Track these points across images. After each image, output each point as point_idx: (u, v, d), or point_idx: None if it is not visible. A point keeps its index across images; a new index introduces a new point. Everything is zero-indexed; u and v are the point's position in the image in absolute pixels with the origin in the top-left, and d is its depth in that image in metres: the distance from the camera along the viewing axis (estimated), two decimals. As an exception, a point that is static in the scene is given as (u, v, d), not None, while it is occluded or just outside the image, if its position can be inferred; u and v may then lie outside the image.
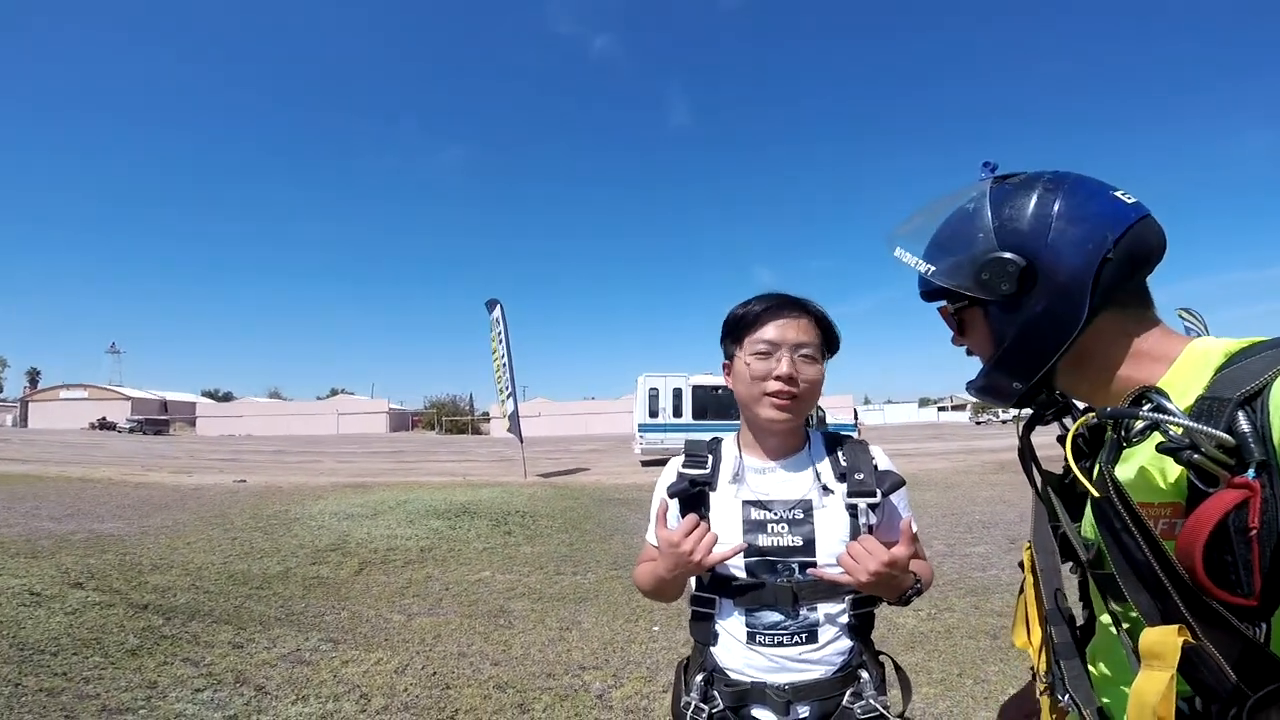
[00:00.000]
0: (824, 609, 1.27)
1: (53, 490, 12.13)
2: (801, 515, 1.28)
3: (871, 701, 1.25)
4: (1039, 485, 0.97)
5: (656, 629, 4.45)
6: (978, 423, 61.74)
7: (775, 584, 1.26)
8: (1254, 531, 0.63)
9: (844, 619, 1.28)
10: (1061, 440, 0.88)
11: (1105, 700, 0.88)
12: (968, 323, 0.95)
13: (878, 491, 1.28)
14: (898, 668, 1.40)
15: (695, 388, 19.29)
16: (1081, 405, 0.96)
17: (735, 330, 1.36)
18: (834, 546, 1.25)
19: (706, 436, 1.47)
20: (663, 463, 1.65)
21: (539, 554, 6.87)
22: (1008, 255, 0.84)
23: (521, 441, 16.37)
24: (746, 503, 1.31)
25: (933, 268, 0.92)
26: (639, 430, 19.28)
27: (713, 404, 19.33)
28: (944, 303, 0.98)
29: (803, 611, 1.26)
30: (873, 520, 1.28)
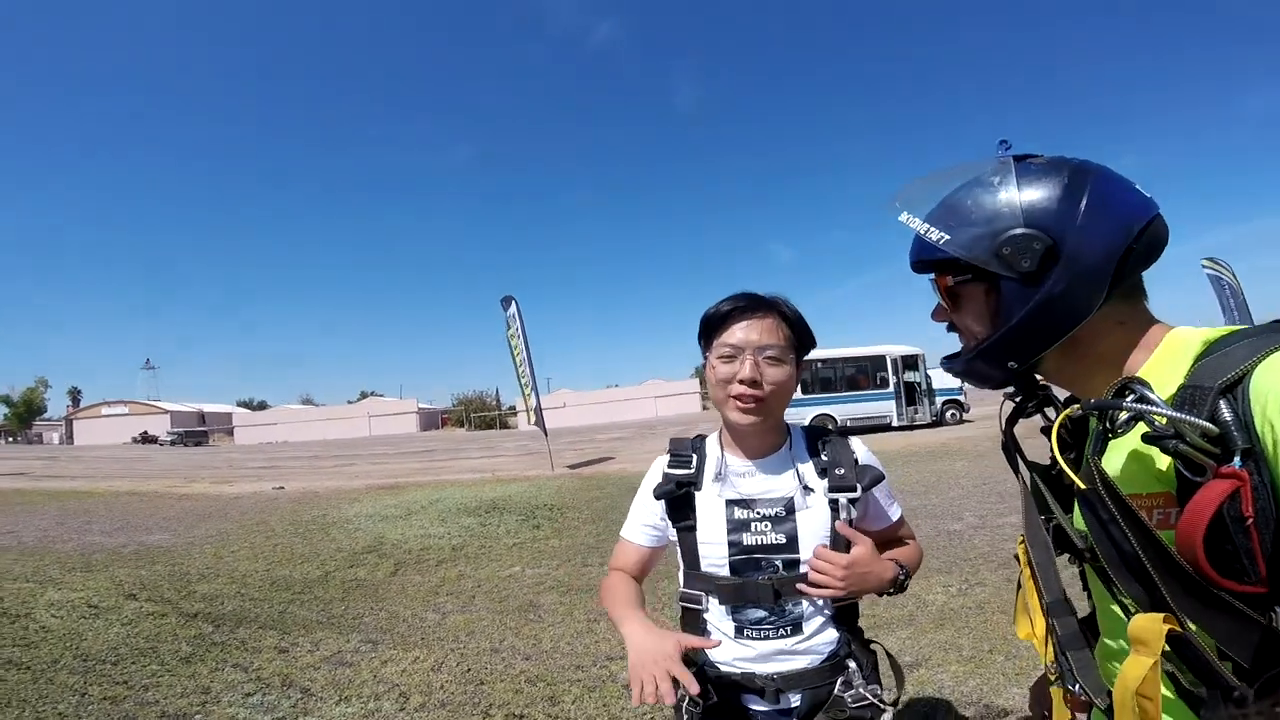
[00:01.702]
0: (806, 602, 1.30)
1: (102, 505, 12.59)
2: (784, 513, 1.30)
3: (861, 690, 1.28)
4: (1027, 478, 0.98)
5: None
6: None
7: (757, 580, 1.29)
8: (1250, 520, 0.64)
9: (827, 610, 1.32)
10: (1045, 431, 0.90)
11: None
12: (965, 298, 0.93)
13: (858, 486, 1.31)
14: (890, 656, 1.43)
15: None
16: (1063, 395, 0.97)
17: (706, 333, 1.37)
18: (816, 542, 1.28)
19: (810, 411, 1.47)
20: None
21: (566, 547, 7.02)
22: (1034, 232, 0.83)
23: (546, 434, 16.56)
24: (730, 502, 1.33)
25: (947, 236, 0.89)
26: None
27: (821, 378, 20.55)
28: (934, 275, 0.97)
29: (786, 606, 1.29)
30: (854, 514, 1.31)
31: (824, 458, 1.35)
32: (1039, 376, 0.95)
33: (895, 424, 20.65)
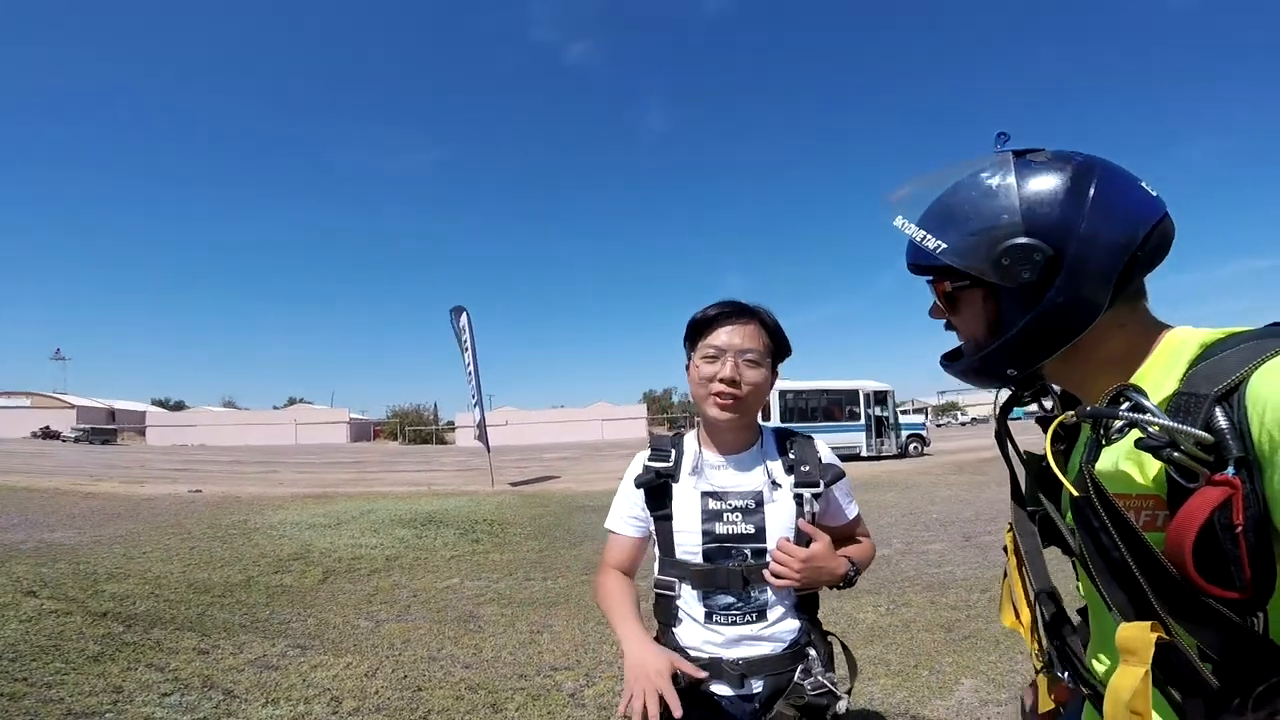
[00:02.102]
0: (771, 590, 1.38)
1: (-6, 500, 11.63)
2: (753, 505, 1.39)
3: (819, 678, 1.35)
4: (1018, 470, 0.97)
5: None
6: (938, 425, 63.16)
7: (728, 568, 1.37)
8: (1239, 528, 0.64)
9: (790, 599, 1.41)
10: (1040, 422, 0.90)
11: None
12: (964, 302, 0.90)
13: (820, 482, 1.42)
14: (845, 648, 1.52)
15: (781, 392, 21.04)
16: (1058, 389, 0.96)
17: (692, 335, 1.47)
18: (782, 534, 1.38)
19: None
20: None
21: (508, 561, 6.87)
22: (1034, 242, 0.78)
23: (489, 450, 16.26)
24: (705, 494, 1.42)
25: (944, 245, 0.84)
26: None
27: (798, 408, 21.49)
28: (932, 278, 0.93)
29: (753, 593, 1.37)
30: (816, 509, 1.41)
31: (791, 456, 1.45)
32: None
33: (864, 454, 21.63)
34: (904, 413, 23.89)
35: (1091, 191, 0.79)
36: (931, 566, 6.22)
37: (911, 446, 23.15)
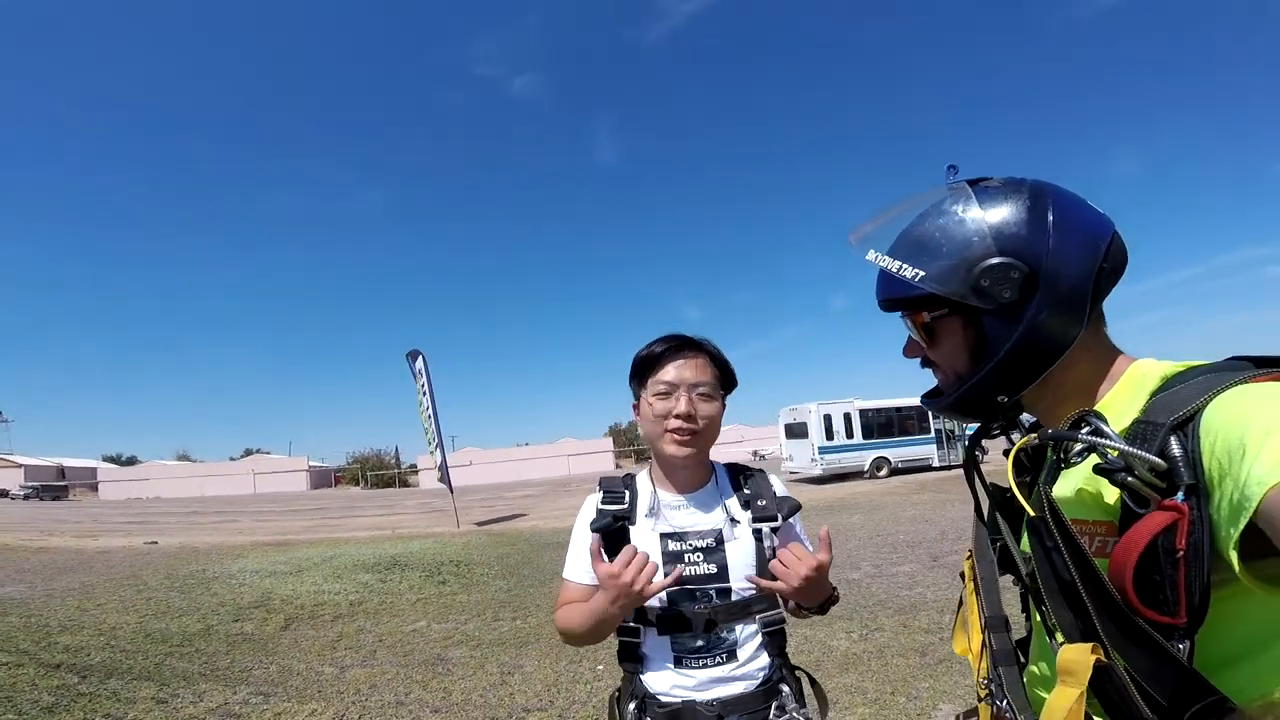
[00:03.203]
0: (740, 629, 1.36)
1: (-65, 557, 11.04)
2: (714, 544, 1.36)
3: (794, 714, 1.33)
4: (983, 500, 0.99)
5: (601, 668, 4.48)
6: None
7: (694, 610, 1.33)
8: (1181, 553, 0.65)
9: (759, 637, 1.37)
10: (1006, 454, 0.88)
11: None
12: (942, 332, 0.90)
13: (779, 516, 1.40)
14: (813, 681, 1.51)
15: (862, 411, 22.16)
16: (1027, 421, 0.97)
17: (639, 372, 1.43)
18: (745, 571, 1.35)
19: (870, 454, 1.42)
20: (842, 477, 1.67)
21: (476, 602, 6.78)
22: (1011, 261, 0.80)
23: (452, 491, 16.01)
24: (664, 535, 1.38)
25: (921, 273, 0.84)
26: (819, 452, 21.65)
27: (878, 424, 22.41)
28: (906, 312, 0.94)
29: (721, 634, 1.34)
30: (776, 543, 1.38)
31: (747, 491, 1.43)
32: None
33: (936, 464, 22.72)
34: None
35: (1051, 210, 0.82)
36: (902, 589, 6.26)
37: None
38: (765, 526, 1.38)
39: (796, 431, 22.89)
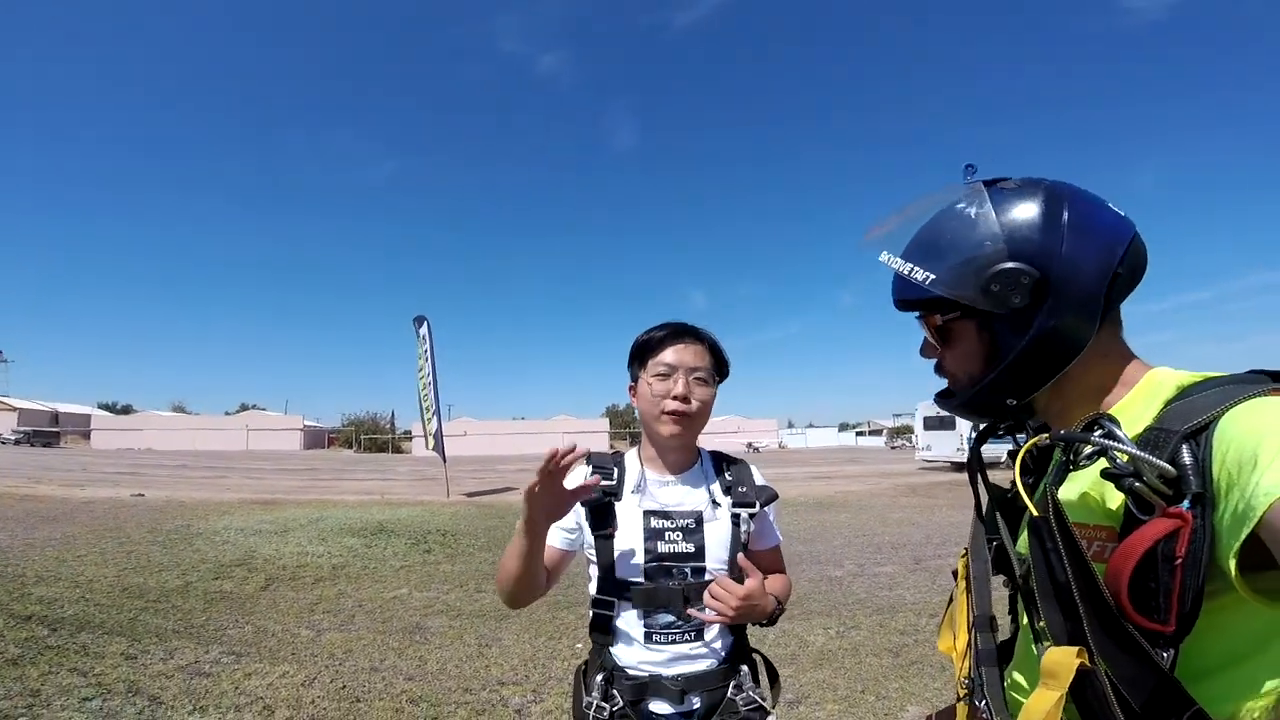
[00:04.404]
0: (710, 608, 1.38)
1: (-82, 498, 11.01)
2: (694, 525, 1.41)
3: (750, 693, 1.39)
4: (984, 500, 0.98)
5: (580, 645, 4.45)
6: (892, 447, 63.95)
7: (669, 586, 1.38)
8: (1179, 560, 0.65)
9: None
10: (1012, 455, 0.88)
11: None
12: (955, 334, 0.90)
13: (757, 503, 1.45)
14: (768, 663, 1.54)
15: None
16: (1034, 423, 0.95)
17: (640, 355, 1.48)
18: (721, 552, 1.40)
19: (1005, 446, 1.44)
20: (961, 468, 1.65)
21: (459, 572, 6.75)
22: (1021, 266, 0.79)
23: (445, 460, 16.00)
24: (648, 512, 1.42)
25: (932, 275, 0.84)
26: (965, 441, 23.25)
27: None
28: (919, 313, 0.94)
29: (693, 611, 1.37)
30: (751, 528, 1.44)
31: (728, 477, 1.49)
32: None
33: None
34: (860, 434, 25.15)
35: (1066, 214, 0.80)
36: (882, 589, 6.27)
37: None
38: (744, 512, 1.43)
39: (937, 423, 23.83)
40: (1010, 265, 0.79)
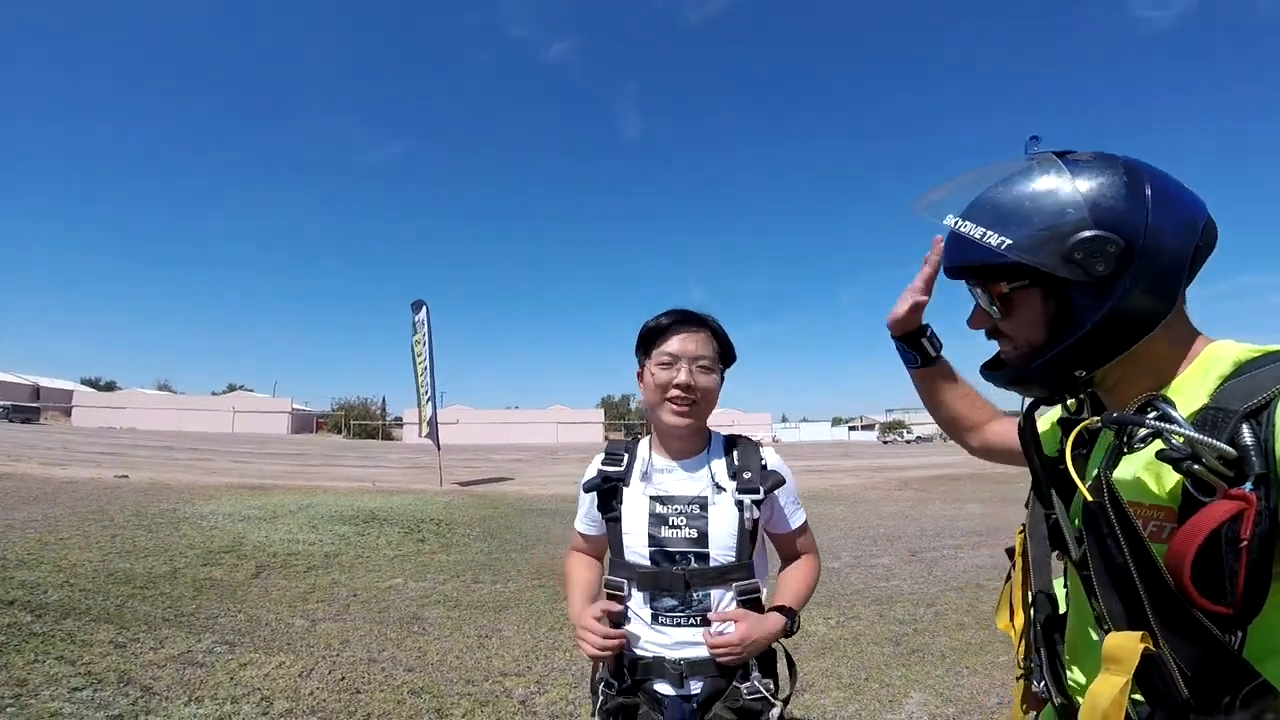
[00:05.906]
0: (715, 594, 1.40)
1: (-106, 477, 10.76)
2: (698, 510, 1.42)
3: (756, 684, 1.38)
4: (1039, 473, 0.95)
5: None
6: (885, 442, 64.69)
7: (671, 571, 1.40)
8: (1244, 543, 0.63)
9: (732, 606, 1.41)
10: (1063, 423, 0.89)
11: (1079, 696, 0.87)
12: (1019, 302, 0.86)
13: (760, 489, 1.43)
14: (787, 655, 1.53)
15: None
16: (1084, 395, 0.94)
17: (645, 342, 1.50)
18: (724, 539, 1.40)
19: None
20: None
21: (455, 562, 6.65)
22: (1107, 234, 0.77)
23: (439, 448, 15.86)
24: (652, 498, 1.45)
25: (1009, 241, 0.80)
26: None
27: None
28: (981, 280, 0.90)
29: (695, 596, 1.40)
30: (757, 514, 1.43)
31: (735, 462, 1.47)
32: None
33: None
34: (853, 428, 25.16)
35: (1149, 186, 0.79)
36: (879, 580, 6.30)
37: None
38: (747, 498, 1.42)
39: None
40: (1096, 233, 0.77)
